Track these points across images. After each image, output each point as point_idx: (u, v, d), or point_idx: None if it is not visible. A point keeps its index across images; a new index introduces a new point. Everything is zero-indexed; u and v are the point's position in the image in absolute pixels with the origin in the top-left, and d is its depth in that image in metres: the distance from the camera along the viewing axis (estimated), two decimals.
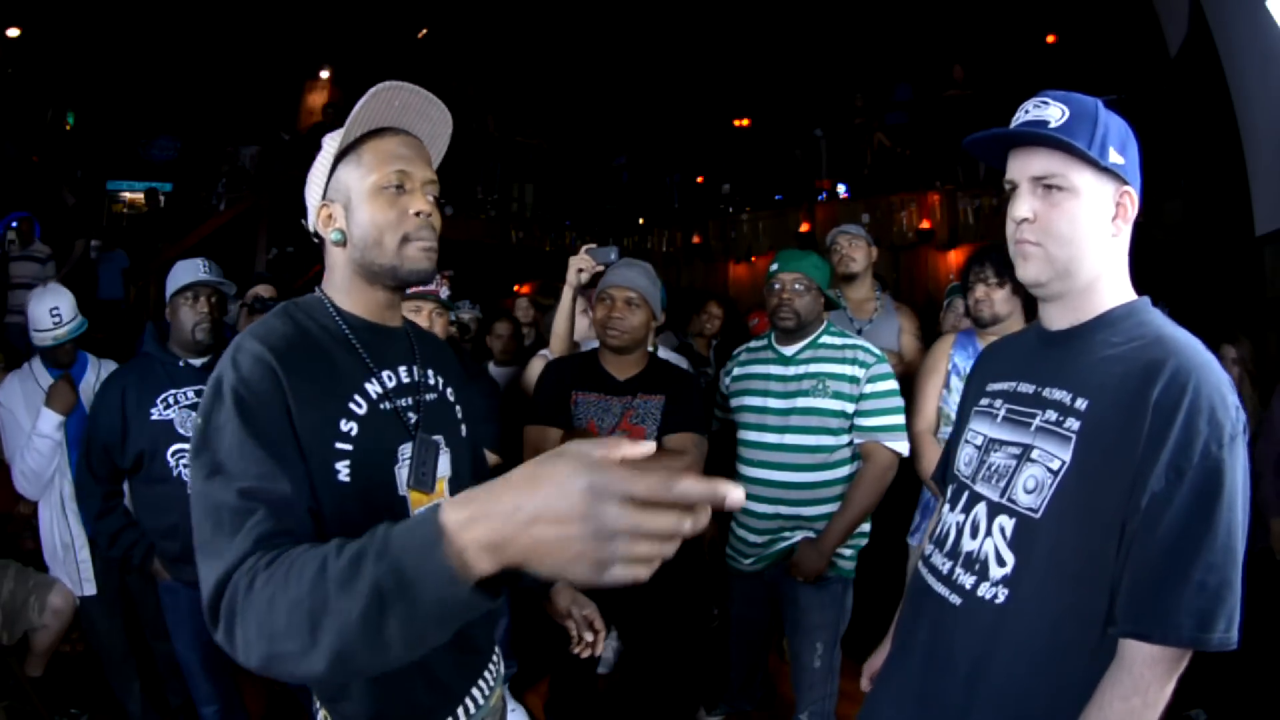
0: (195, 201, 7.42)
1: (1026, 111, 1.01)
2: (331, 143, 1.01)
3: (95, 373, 2.42)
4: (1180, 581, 0.85)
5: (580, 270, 2.08)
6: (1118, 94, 5.75)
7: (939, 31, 7.38)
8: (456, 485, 1.08)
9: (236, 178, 7.41)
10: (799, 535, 2.06)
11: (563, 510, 0.53)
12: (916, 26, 7.53)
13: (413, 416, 1.02)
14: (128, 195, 8.76)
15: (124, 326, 4.81)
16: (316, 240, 1.04)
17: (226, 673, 2.13)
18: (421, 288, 2.26)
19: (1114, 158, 0.97)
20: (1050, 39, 6.93)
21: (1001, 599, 0.98)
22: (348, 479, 0.90)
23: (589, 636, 1.22)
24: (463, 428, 1.13)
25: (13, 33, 7.23)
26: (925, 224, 6.35)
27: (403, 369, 1.04)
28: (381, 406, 0.97)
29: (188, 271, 2.10)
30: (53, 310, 2.34)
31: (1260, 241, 3.69)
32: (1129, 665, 0.88)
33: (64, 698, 2.54)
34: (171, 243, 5.55)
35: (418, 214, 0.98)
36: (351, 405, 0.93)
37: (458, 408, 1.13)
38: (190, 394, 2.06)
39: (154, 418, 2.00)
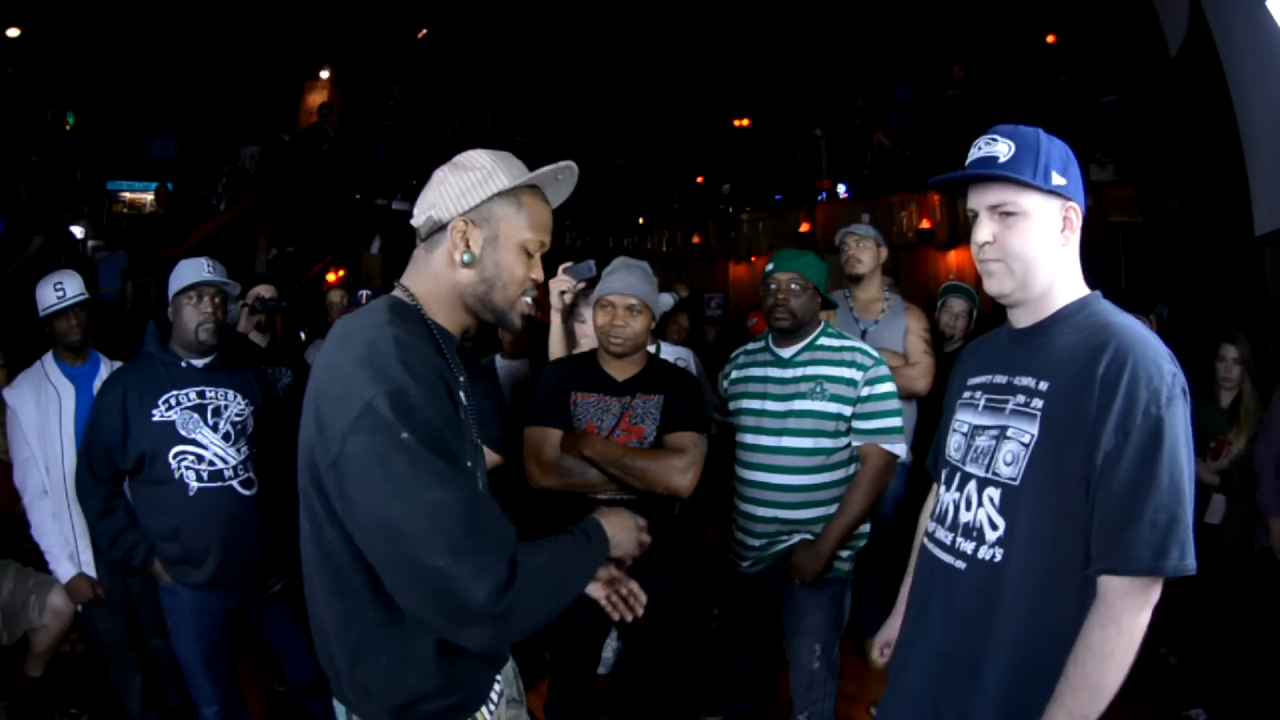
0: (195, 201, 7.42)
1: (979, 149, 1.18)
2: (498, 172, 1.06)
3: (108, 372, 2.39)
4: (1135, 521, 1.01)
5: (563, 292, 2.06)
6: (1118, 94, 5.77)
7: (939, 31, 7.37)
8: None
9: (236, 178, 7.41)
10: (797, 537, 2.06)
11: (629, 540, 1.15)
12: (916, 26, 7.52)
13: (469, 419, 1.11)
14: (128, 195, 8.76)
15: (124, 326, 4.80)
16: (421, 236, 1.09)
17: (227, 673, 2.13)
18: None
19: (1056, 180, 1.13)
20: (1050, 39, 6.92)
21: (999, 558, 1.13)
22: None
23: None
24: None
25: (13, 33, 7.23)
26: (925, 224, 6.35)
27: (462, 378, 1.12)
28: (466, 411, 1.06)
29: (191, 271, 2.08)
30: (56, 285, 2.33)
31: (1260, 241, 3.69)
32: (1104, 598, 1.03)
33: (64, 698, 2.54)
34: (171, 243, 5.55)
35: (534, 281, 1.11)
36: (461, 403, 1.03)
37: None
38: (192, 395, 2.05)
39: (156, 419, 1.99)
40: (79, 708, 2.54)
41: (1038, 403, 1.12)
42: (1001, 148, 1.15)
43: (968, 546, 1.18)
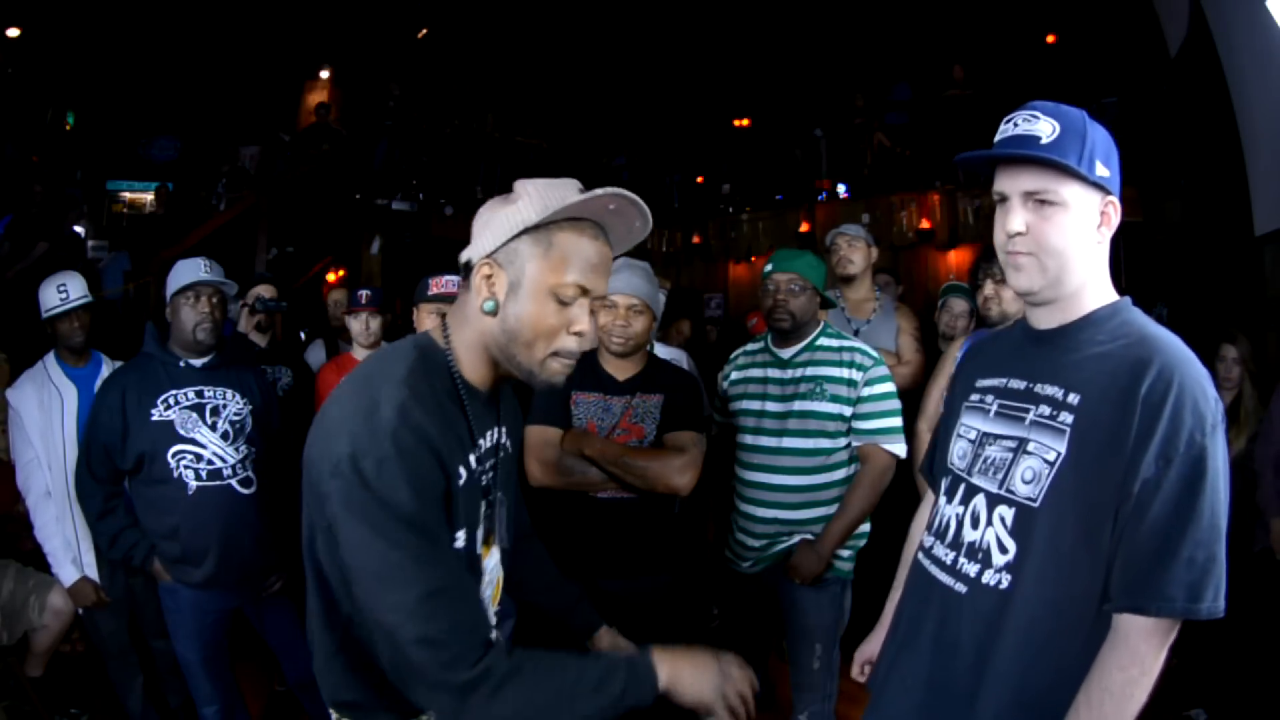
0: (195, 201, 7.42)
1: (1015, 125, 1.04)
2: (530, 204, 0.92)
3: (110, 373, 2.39)
4: (1171, 558, 0.92)
5: None
6: (1118, 94, 5.76)
7: (939, 31, 7.37)
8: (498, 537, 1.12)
9: (236, 178, 7.41)
10: (797, 538, 2.06)
11: (708, 688, 0.99)
12: (916, 26, 7.52)
13: (486, 478, 1.04)
14: (128, 195, 8.76)
15: (124, 327, 4.80)
16: (463, 269, 0.99)
17: (226, 673, 2.13)
18: (442, 291, 2.21)
19: (1100, 170, 1.02)
20: (1050, 39, 6.92)
21: (1005, 585, 1.03)
22: (462, 545, 0.96)
23: None
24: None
25: (13, 33, 7.23)
26: (925, 224, 6.35)
27: (490, 433, 1.05)
28: (474, 477, 0.99)
29: (189, 271, 2.08)
30: (60, 287, 2.34)
31: (1260, 241, 3.69)
32: (1125, 638, 0.95)
33: (64, 698, 2.54)
34: (171, 243, 5.55)
35: (578, 334, 0.96)
36: (457, 480, 0.94)
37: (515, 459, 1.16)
38: (190, 395, 2.05)
39: (154, 419, 1.99)
40: (79, 708, 2.54)
41: (1066, 417, 1.01)
42: (1044, 127, 1.02)
43: (971, 569, 1.07)
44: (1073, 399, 1.01)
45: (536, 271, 0.93)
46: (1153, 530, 0.93)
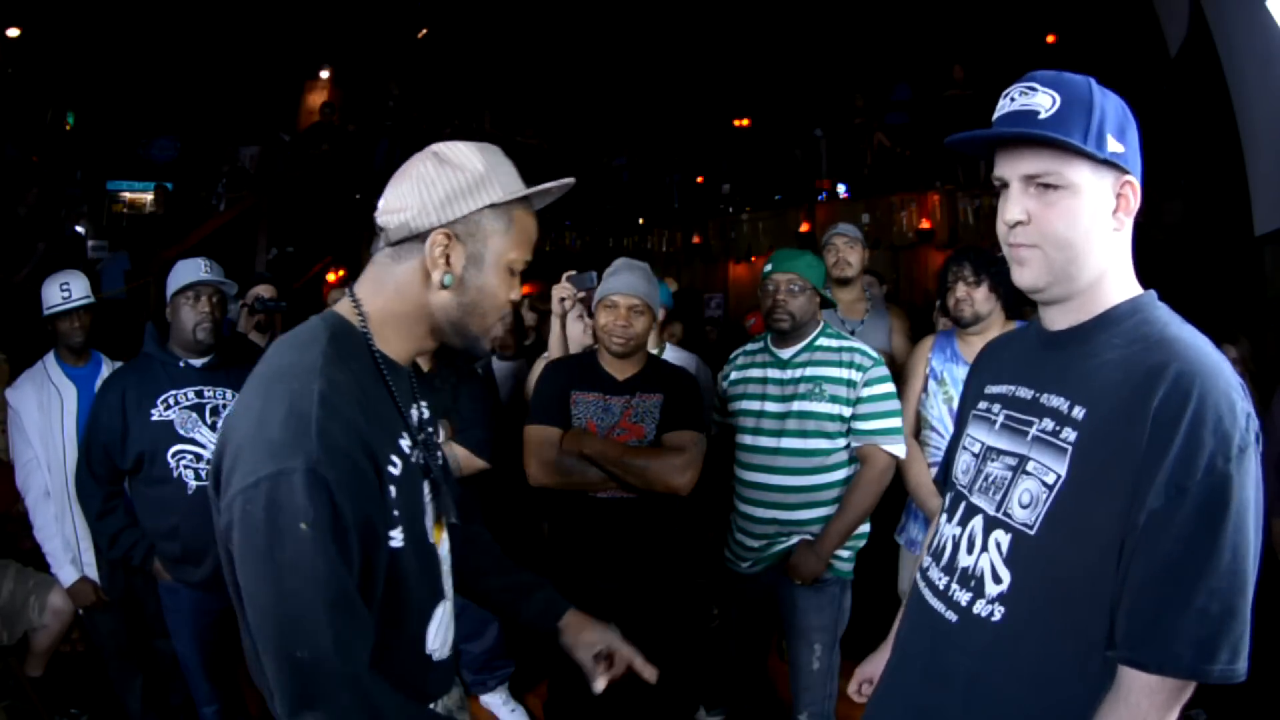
0: (195, 201, 7.42)
1: (1012, 100, 0.93)
2: (493, 180, 0.91)
3: (109, 373, 2.39)
4: (1180, 608, 0.79)
5: (563, 299, 2.13)
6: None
7: (939, 31, 7.37)
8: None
9: (236, 178, 7.41)
10: (797, 538, 2.06)
11: None
12: (916, 26, 7.52)
13: (423, 459, 0.97)
14: (128, 195, 8.76)
15: (124, 327, 4.80)
16: (389, 240, 0.92)
17: (227, 673, 2.13)
18: None
19: (1113, 146, 0.88)
20: (1050, 39, 6.93)
21: (998, 617, 0.93)
22: (401, 544, 0.87)
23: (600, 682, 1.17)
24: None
25: (13, 33, 7.23)
26: (925, 224, 6.35)
27: (414, 409, 0.99)
28: (411, 460, 0.92)
29: (189, 271, 2.09)
30: (63, 285, 2.34)
31: (1260, 241, 3.69)
32: (1126, 694, 0.83)
33: (64, 698, 2.54)
34: (171, 243, 5.55)
35: (513, 300, 0.98)
36: (390, 466, 0.87)
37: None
38: (190, 395, 2.05)
39: (154, 418, 2.00)
40: (79, 708, 2.54)
41: (1069, 434, 0.89)
42: (1042, 99, 0.89)
43: (963, 597, 0.98)
44: (1078, 413, 0.89)
45: (500, 247, 0.92)
46: (1160, 572, 0.80)
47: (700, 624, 3.15)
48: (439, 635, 1.00)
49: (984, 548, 0.96)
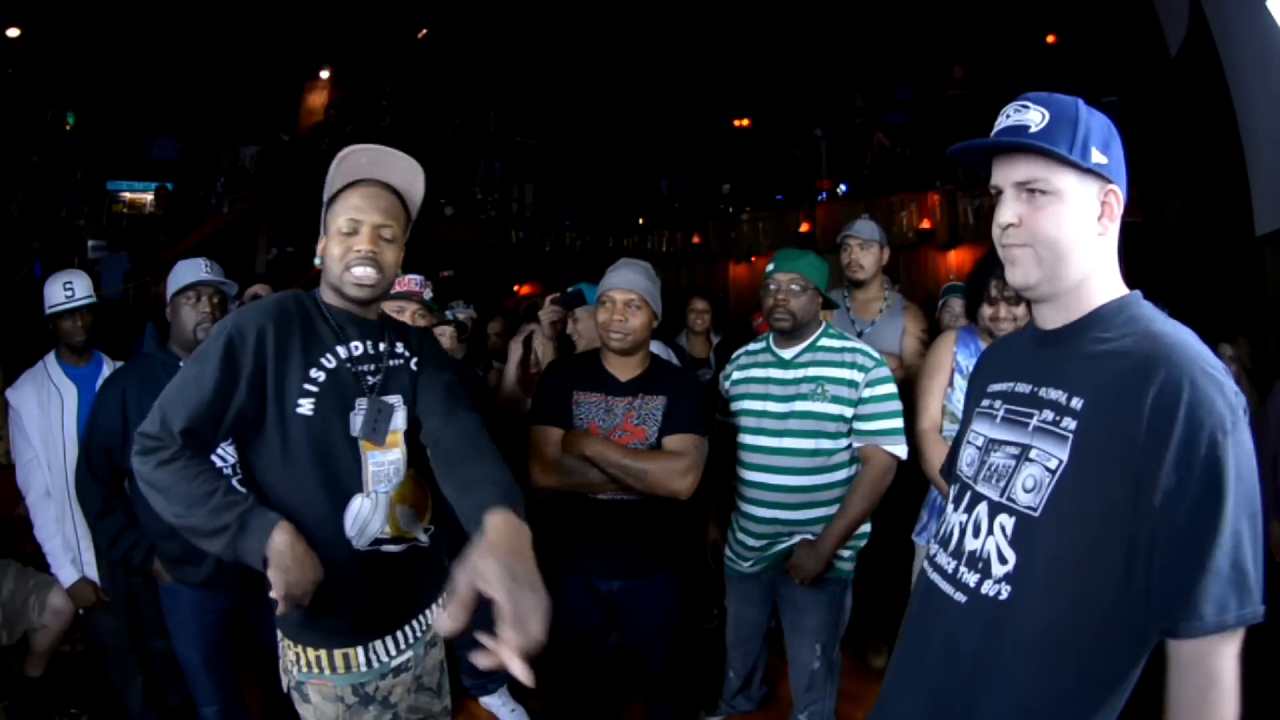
0: (195, 201, 7.42)
1: (1008, 116, 1.04)
2: (329, 192, 1.34)
3: (110, 373, 2.39)
4: (1205, 572, 0.87)
5: (553, 322, 2.18)
6: (1118, 94, 5.76)
7: (939, 31, 7.38)
8: (410, 437, 1.36)
9: (236, 178, 7.41)
10: (798, 538, 2.06)
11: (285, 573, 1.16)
12: (916, 26, 7.52)
13: (371, 380, 1.32)
14: (128, 195, 8.76)
15: (124, 327, 4.80)
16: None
17: (227, 672, 2.13)
18: (404, 289, 2.30)
19: (1096, 158, 0.99)
20: (1050, 39, 6.93)
21: (1005, 596, 1.00)
22: (309, 413, 1.25)
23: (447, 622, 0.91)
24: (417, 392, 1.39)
25: (13, 33, 7.23)
26: (925, 224, 6.35)
27: (369, 342, 1.35)
28: (345, 367, 1.30)
29: (189, 271, 2.09)
30: (66, 284, 2.34)
31: (1260, 241, 3.70)
32: (1189, 663, 0.90)
33: (64, 698, 2.53)
34: (171, 243, 5.55)
35: (358, 251, 1.28)
36: (323, 360, 1.28)
37: (421, 375, 1.39)
38: None
39: None
40: (79, 708, 2.53)
41: (1069, 422, 0.97)
42: (1033, 115, 1.00)
43: (970, 578, 1.05)
44: (1076, 403, 0.97)
45: (330, 223, 1.33)
46: (1183, 545, 0.88)
47: (700, 624, 3.15)
48: (356, 525, 1.29)
49: (989, 531, 1.04)
